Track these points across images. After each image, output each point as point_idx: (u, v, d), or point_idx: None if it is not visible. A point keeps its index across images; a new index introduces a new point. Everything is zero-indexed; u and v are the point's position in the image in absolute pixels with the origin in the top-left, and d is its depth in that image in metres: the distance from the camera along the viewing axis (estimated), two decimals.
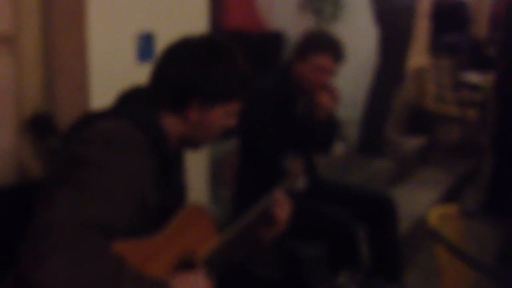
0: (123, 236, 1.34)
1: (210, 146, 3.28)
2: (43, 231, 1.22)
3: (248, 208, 1.80)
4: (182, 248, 1.57)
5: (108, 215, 1.30)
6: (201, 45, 1.62)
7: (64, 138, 1.55)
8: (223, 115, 1.64)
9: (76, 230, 1.23)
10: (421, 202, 4.08)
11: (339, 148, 4.09)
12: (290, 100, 2.76)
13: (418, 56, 5.75)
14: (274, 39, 5.27)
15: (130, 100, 1.62)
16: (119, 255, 1.31)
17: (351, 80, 5.30)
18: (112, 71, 2.55)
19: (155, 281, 1.36)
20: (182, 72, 1.57)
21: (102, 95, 2.51)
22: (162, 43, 2.76)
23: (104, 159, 1.36)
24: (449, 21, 6.61)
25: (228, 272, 1.74)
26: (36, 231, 1.23)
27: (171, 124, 1.59)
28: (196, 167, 3.00)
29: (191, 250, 1.60)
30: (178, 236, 1.56)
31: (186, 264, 1.58)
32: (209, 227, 1.67)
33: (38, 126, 2.52)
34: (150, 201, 1.47)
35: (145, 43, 2.69)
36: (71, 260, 1.20)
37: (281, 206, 1.85)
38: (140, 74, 2.69)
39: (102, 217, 1.29)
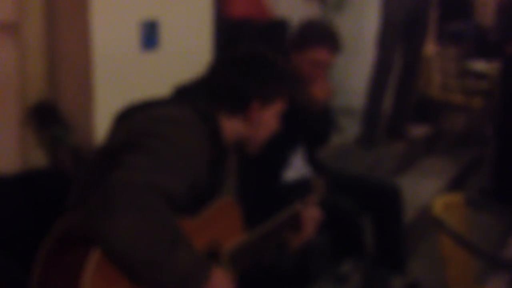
0: (175, 209, 1.41)
1: None
2: (114, 190, 1.30)
3: (251, 199, 1.83)
4: (210, 238, 1.63)
5: (172, 185, 1.41)
6: (250, 56, 1.82)
7: (120, 118, 1.66)
8: (274, 115, 1.82)
9: (145, 193, 1.33)
10: (425, 190, 4.07)
11: (336, 138, 4.08)
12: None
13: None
14: (279, 28, 5.24)
15: (190, 94, 1.75)
16: (178, 222, 1.40)
17: (356, 70, 5.29)
18: (116, 59, 2.55)
19: (202, 257, 1.46)
20: (241, 81, 1.75)
21: (106, 83, 2.51)
22: (166, 31, 2.76)
23: (171, 135, 1.50)
24: (454, 9, 6.57)
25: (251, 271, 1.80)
26: (107, 188, 1.31)
27: (231, 126, 1.74)
28: None
29: (218, 241, 1.66)
30: (209, 225, 1.63)
31: (212, 254, 1.63)
32: (238, 222, 1.76)
33: (42, 115, 2.52)
34: (200, 184, 1.56)
35: (149, 31, 2.69)
36: (139, 220, 1.29)
37: (311, 214, 1.99)
38: (144, 62, 2.69)
39: (168, 186, 1.39)
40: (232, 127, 1.74)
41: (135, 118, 1.59)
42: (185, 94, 1.76)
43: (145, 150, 1.43)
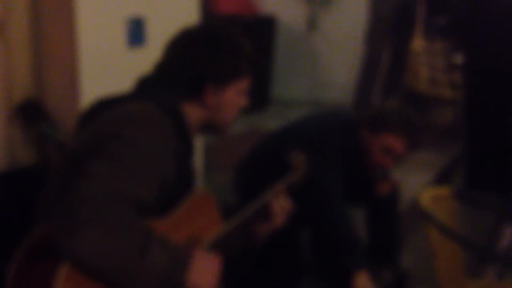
0: (144, 214, 1.38)
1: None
2: (79, 203, 1.25)
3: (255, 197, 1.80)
4: (187, 234, 1.60)
5: (139, 190, 1.36)
6: (202, 34, 1.72)
7: (83, 120, 1.61)
8: (236, 94, 1.72)
9: (110, 203, 1.28)
10: (414, 184, 4.08)
11: None
12: (356, 163, 2.64)
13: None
14: (266, 24, 5.25)
15: (150, 86, 1.67)
16: (148, 225, 1.36)
17: (344, 66, 5.31)
18: (102, 56, 2.54)
19: (180, 248, 1.42)
20: (192, 63, 1.65)
21: (92, 80, 2.50)
22: (152, 28, 2.75)
23: (136, 137, 1.43)
24: (441, 3, 6.59)
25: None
26: (71, 202, 1.26)
27: (192, 112, 1.67)
28: None
29: (196, 236, 1.63)
30: (185, 222, 1.59)
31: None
32: (215, 215, 1.71)
33: (28, 112, 2.52)
34: (169, 182, 1.51)
35: (135, 28, 2.68)
36: (105, 232, 1.25)
37: (281, 204, 1.87)
38: (130, 59, 2.68)
39: (134, 192, 1.34)
40: (193, 113, 1.66)
41: (99, 119, 1.52)
42: (147, 85, 1.68)
43: (108, 156, 1.36)
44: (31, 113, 2.51)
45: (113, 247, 1.26)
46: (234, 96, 1.71)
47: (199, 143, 3.13)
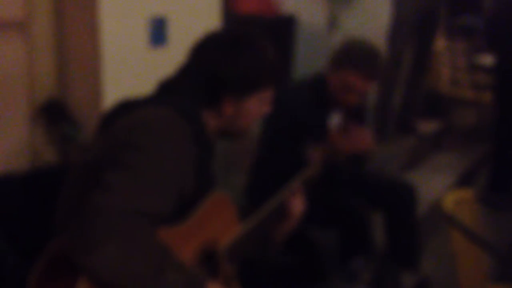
0: (162, 223, 1.36)
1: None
2: (95, 217, 1.23)
3: (264, 199, 1.79)
4: (205, 237, 1.58)
5: (156, 203, 1.33)
6: (225, 40, 1.65)
7: (103, 124, 1.58)
8: (258, 104, 1.67)
9: (129, 217, 1.25)
10: (436, 186, 4.06)
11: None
12: (323, 111, 2.61)
13: None
14: (287, 24, 5.23)
15: (170, 90, 1.64)
16: (164, 242, 1.33)
17: None
18: (124, 56, 2.55)
19: (194, 273, 1.39)
20: (211, 70, 1.60)
21: (115, 80, 2.51)
22: (174, 27, 2.76)
23: (153, 146, 1.38)
24: (463, 3, 6.54)
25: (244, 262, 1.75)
26: (87, 215, 1.23)
27: (209, 119, 1.63)
28: None
29: (214, 240, 1.61)
30: (203, 225, 1.57)
31: (208, 254, 1.59)
32: (233, 217, 1.69)
33: (51, 112, 2.53)
34: (188, 189, 1.49)
35: (157, 27, 2.68)
36: (124, 247, 1.22)
37: (296, 202, 1.85)
38: (152, 59, 2.69)
39: (152, 205, 1.31)
40: (210, 120, 1.63)
41: (117, 125, 1.48)
42: (168, 88, 1.64)
43: (126, 168, 1.32)
44: (53, 113, 2.53)
45: (129, 265, 1.23)
46: (254, 107, 1.66)
47: (217, 145, 3.12)
